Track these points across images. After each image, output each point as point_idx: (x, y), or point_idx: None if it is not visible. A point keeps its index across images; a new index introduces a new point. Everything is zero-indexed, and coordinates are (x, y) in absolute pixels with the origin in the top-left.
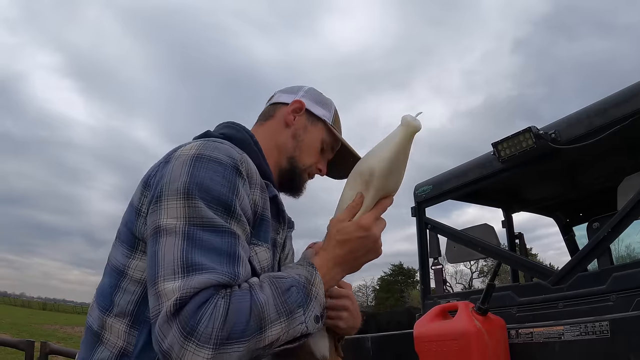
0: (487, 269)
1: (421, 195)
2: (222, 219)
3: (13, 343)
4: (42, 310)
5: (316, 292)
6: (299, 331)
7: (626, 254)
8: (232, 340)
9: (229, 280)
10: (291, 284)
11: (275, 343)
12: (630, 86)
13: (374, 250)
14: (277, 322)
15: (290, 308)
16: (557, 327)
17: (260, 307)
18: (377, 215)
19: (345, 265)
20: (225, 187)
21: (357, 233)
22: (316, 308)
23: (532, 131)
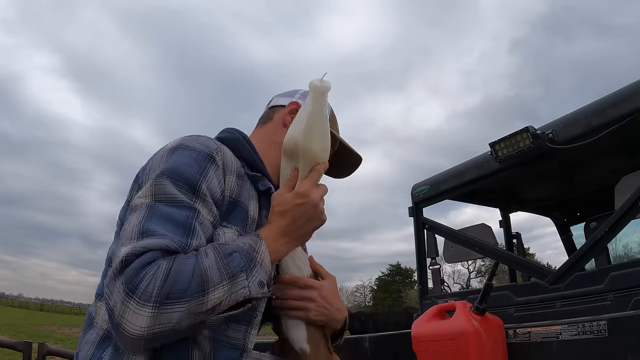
0: (484, 269)
1: (418, 195)
2: (186, 196)
3: (10, 344)
4: (40, 311)
5: (261, 259)
6: (242, 295)
7: (623, 253)
8: (173, 300)
9: (178, 248)
10: (234, 249)
11: (218, 307)
12: (627, 86)
13: (315, 217)
14: (219, 285)
15: (233, 272)
16: (554, 327)
17: (203, 269)
18: (313, 182)
19: (289, 235)
20: (194, 170)
21: (295, 201)
22: (261, 274)
23: (530, 131)
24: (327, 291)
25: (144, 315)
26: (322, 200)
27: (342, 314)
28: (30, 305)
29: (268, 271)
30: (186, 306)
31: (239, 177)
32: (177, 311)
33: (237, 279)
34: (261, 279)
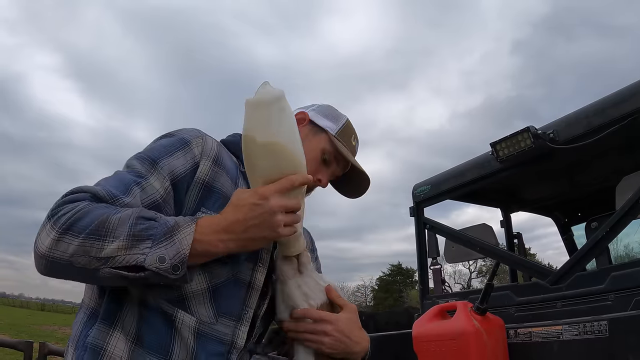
0: (485, 269)
1: (419, 195)
2: (143, 167)
3: (12, 344)
4: (41, 311)
5: (179, 239)
6: (135, 259)
7: (624, 253)
8: (72, 233)
9: (106, 196)
10: (155, 218)
11: (112, 260)
12: (628, 86)
13: (268, 224)
14: (117, 239)
15: (138, 234)
16: (555, 327)
17: (109, 218)
18: (278, 188)
19: (233, 233)
20: (162, 149)
21: (251, 199)
22: (168, 251)
23: (531, 131)
24: (345, 324)
25: (49, 237)
26: (282, 212)
27: (362, 347)
28: (31, 305)
29: (180, 254)
30: (81, 243)
31: (216, 164)
32: (72, 244)
33: (139, 243)
34: (165, 255)
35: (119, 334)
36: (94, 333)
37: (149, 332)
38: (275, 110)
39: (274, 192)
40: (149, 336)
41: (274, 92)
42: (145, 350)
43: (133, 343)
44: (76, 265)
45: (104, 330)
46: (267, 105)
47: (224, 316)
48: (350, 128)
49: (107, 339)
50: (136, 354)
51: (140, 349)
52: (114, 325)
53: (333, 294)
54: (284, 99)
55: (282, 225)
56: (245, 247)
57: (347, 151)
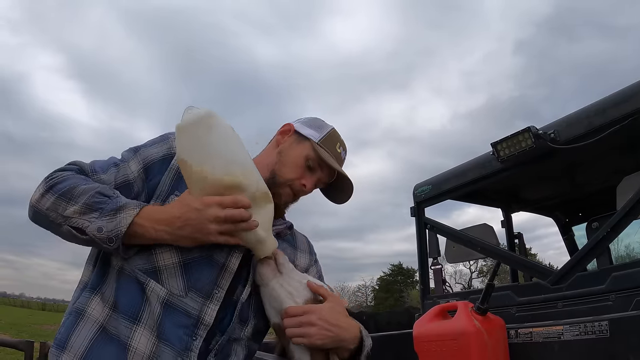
0: (486, 269)
1: (420, 195)
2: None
3: (12, 343)
4: (42, 310)
5: (121, 217)
6: (81, 224)
7: (625, 253)
8: (51, 191)
9: (88, 170)
10: (112, 195)
11: (69, 219)
12: (629, 86)
13: (200, 229)
14: (76, 205)
15: (91, 205)
16: (556, 327)
17: (78, 187)
18: (220, 200)
19: (170, 226)
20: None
21: (194, 204)
22: (107, 225)
23: (532, 131)
24: (328, 312)
25: (38, 192)
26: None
27: (352, 333)
28: (32, 305)
29: (117, 229)
30: (54, 201)
31: None
32: (48, 200)
33: (90, 212)
34: (102, 226)
35: (99, 299)
36: (80, 299)
37: (123, 298)
38: (203, 132)
39: (214, 204)
40: (123, 302)
41: (198, 113)
42: (120, 315)
43: (110, 309)
44: (49, 218)
45: (87, 297)
46: (192, 128)
47: (194, 291)
48: (335, 136)
49: (88, 303)
50: (112, 319)
51: (115, 314)
52: (96, 292)
53: (314, 286)
54: (210, 117)
55: (214, 233)
56: (177, 242)
57: (330, 157)
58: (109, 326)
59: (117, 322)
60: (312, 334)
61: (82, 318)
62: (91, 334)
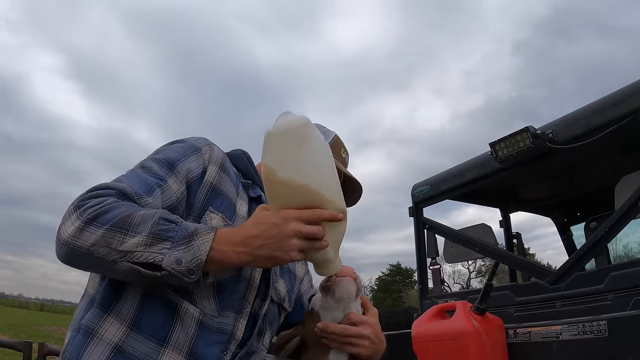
0: (484, 269)
1: (419, 195)
2: (161, 170)
3: (11, 344)
4: (40, 311)
5: (198, 244)
6: (152, 258)
7: (624, 253)
8: (97, 224)
9: (132, 194)
10: (177, 222)
11: (131, 254)
12: (627, 86)
13: (281, 246)
14: (139, 235)
15: (159, 234)
16: (554, 327)
17: (133, 214)
18: (300, 214)
19: (248, 247)
20: (178, 153)
21: (272, 219)
22: (187, 255)
23: (530, 131)
24: (377, 326)
25: (74, 226)
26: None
27: (384, 347)
28: (31, 305)
29: (197, 258)
30: (103, 233)
31: (222, 170)
32: (95, 234)
33: (159, 243)
34: (182, 258)
35: (113, 320)
36: (89, 316)
37: (148, 318)
38: (296, 141)
39: (294, 218)
40: (147, 322)
41: (294, 121)
42: (142, 335)
43: (129, 327)
44: (95, 255)
45: (98, 315)
46: (286, 135)
47: (226, 309)
48: (339, 142)
49: (100, 323)
50: (130, 338)
51: (136, 334)
52: (109, 311)
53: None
54: (306, 127)
55: (295, 250)
56: (256, 263)
57: (337, 161)
58: (127, 346)
59: (138, 342)
60: (364, 346)
61: (93, 338)
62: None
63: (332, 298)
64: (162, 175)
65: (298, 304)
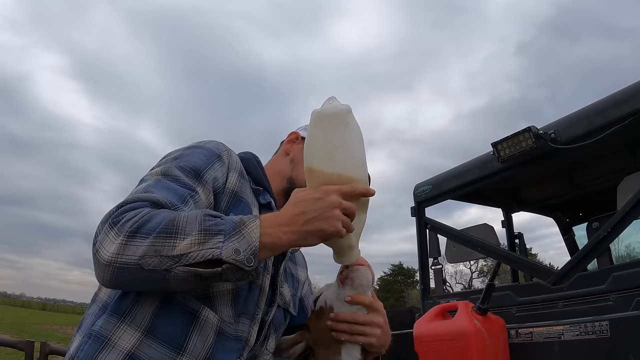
0: (486, 269)
1: (421, 195)
2: (189, 179)
3: (13, 343)
4: (42, 310)
5: (248, 232)
6: (211, 253)
7: (626, 253)
8: (141, 235)
9: (167, 203)
10: (219, 216)
11: (185, 257)
12: (629, 86)
13: (326, 217)
14: (190, 235)
15: (209, 229)
16: (556, 327)
17: (176, 217)
18: (339, 189)
19: (294, 225)
20: (202, 161)
21: (313, 194)
22: (242, 244)
23: (532, 131)
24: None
25: (115, 243)
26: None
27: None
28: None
29: (252, 246)
30: (152, 243)
31: (241, 176)
32: (142, 245)
33: (212, 238)
34: (239, 247)
35: (127, 327)
36: (101, 323)
37: (164, 325)
38: (338, 125)
39: (334, 190)
40: (164, 329)
41: (339, 107)
42: (157, 342)
43: (143, 334)
44: (146, 268)
45: (112, 322)
46: (330, 119)
47: (242, 315)
48: None
49: (114, 330)
50: (144, 345)
51: (150, 340)
52: (123, 318)
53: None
54: (349, 114)
55: (339, 220)
56: (304, 240)
57: None
58: (140, 352)
59: (152, 349)
60: (376, 335)
61: (107, 346)
62: None
63: (350, 287)
64: (192, 185)
65: (300, 308)
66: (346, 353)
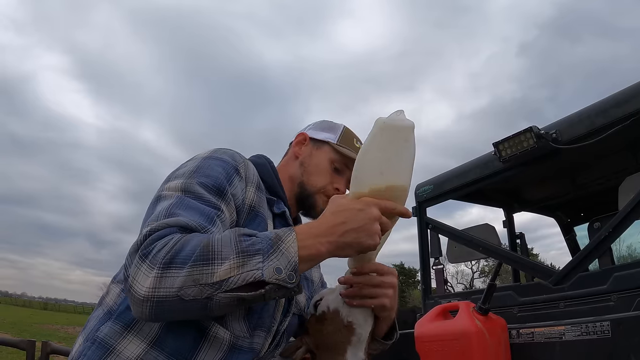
0: (488, 269)
1: (422, 195)
2: (213, 197)
3: (14, 343)
4: (44, 310)
5: (286, 248)
6: (253, 275)
7: (627, 254)
8: (176, 265)
9: (196, 226)
10: (254, 234)
11: (226, 283)
12: (631, 86)
13: (367, 230)
14: (228, 259)
15: (247, 251)
16: (558, 327)
17: (211, 241)
18: (379, 202)
19: (333, 235)
20: (222, 176)
21: (354, 205)
22: (281, 261)
23: (533, 131)
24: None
25: (150, 277)
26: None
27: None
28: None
29: (292, 262)
30: (188, 272)
31: (258, 189)
32: (179, 276)
33: (250, 259)
34: (279, 266)
35: (133, 337)
36: (107, 331)
37: (172, 338)
38: (399, 139)
39: (376, 205)
40: (172, 343)
41: (405, 122)
42: (164, 354)
43: (149, 345)
44: (186, 299)
45: (117, 331)
46: (393, 131)
47: (257, 328)
48: (350, 133)
49: (119, 340)
50: (150, 356)
51: (157, 352)
52: (130, 328)
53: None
54: (411, 131)
55: (378, 234)
56: (341, 251)
57: (353, 154)
58: None
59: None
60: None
61: (111, 354)
62: None
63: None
64: (217, 204)
65: None
66: (351, 353)
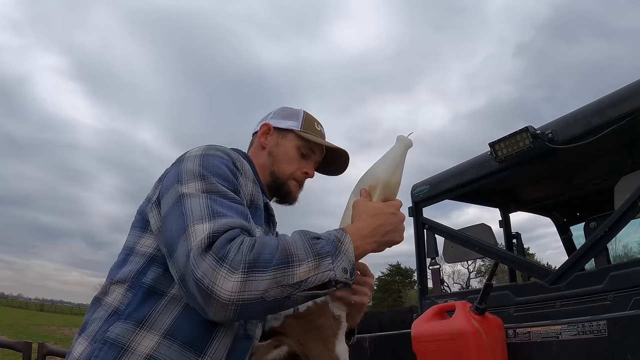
0: (484, 269)
1: (418, 195)
2: (235, 194)
3: (10, 344)
4: (40, 311)
5: (345, 249)
6: (327, 276)
7: (623, 253)
8: (260, 269)
9: (247, 227)
10: (319, 236)
11: (304, 283)
12: (626, 86)
13: (399, 230)
14: (305, 261)
15: (319, 253)
16: (554, 327)
17: (286, 244)
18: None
19: (375, 236)
20: (229, 173)
21: (388, 209)
22: (345, 262)
23: (529, 131)
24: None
25: (233, 280)
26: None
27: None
28: (30, 306)
29: (351, 261)
30: (272, 275)
31: (253, 182)
32: (264, 279)
33: (323, 260)
34: (345, 266)
35: (146, 333)
36: (118, 330)
37: (187, 330)
38: (405, 153)
39: (400, 207)
40: (185, 332)
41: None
42: (177, 343)
43: (162, 337)
44: (268, 299)
45: (129, 329)
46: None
47: None
48: (311, 117)
49: (133, 337)
50: (163, 346)
51: (169, 341)
52: (142, 324)
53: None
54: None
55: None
56: (379, 248)
57: (317, 137)
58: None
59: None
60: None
61: (126, 352)
62: None
63: None
64: (241, 201)
65: None
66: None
